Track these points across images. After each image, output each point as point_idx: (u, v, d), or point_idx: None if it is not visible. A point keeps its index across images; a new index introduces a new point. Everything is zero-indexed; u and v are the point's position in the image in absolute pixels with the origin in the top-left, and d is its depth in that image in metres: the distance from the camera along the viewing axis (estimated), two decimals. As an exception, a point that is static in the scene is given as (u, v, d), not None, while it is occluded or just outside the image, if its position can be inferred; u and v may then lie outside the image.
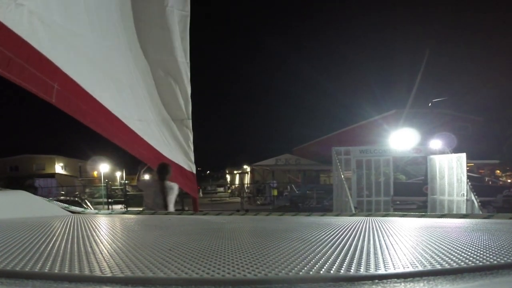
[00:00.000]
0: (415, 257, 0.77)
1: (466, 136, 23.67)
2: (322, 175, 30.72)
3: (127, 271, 0.66)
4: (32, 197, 2.21)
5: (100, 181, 29.12)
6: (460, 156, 10.05)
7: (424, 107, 24.05)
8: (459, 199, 9.99)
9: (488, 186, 18.00)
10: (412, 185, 15.08)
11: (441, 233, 1.22)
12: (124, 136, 3.74)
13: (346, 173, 10.95)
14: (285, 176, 28.86)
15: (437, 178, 10.80)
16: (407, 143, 11.66)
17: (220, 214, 2.14)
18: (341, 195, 10.60)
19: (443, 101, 24.00)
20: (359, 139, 22.78)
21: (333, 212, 9.38)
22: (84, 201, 16.31)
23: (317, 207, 18.53)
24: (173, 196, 4.28)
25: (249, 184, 31.02)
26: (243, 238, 1.10)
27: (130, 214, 2.39)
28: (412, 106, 22.24)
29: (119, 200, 23.42)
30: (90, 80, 3.24)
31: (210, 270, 0.66)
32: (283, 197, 24.49)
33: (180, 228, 1.51)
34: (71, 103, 3.04)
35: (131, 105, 3.84)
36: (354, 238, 1.04)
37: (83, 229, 1.28)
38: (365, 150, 11.44)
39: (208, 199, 27.51)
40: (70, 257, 0.77)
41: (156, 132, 4.15)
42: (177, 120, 4.27)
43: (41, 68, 2.70)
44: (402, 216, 1.98)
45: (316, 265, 0.69)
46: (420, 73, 20.68)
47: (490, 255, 0.78)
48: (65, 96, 2.95)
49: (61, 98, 2.89)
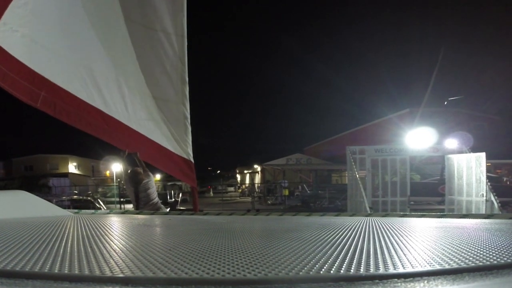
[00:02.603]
0: (415, 257, 0.77)
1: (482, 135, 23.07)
2: (334, 175, 30.48)
3: (127, 271, 0.66)
4: (32, 197, 2.24)
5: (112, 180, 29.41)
6: (479, 155, 9.79)
7: (440, 105, 23.59)
8: (478, 199, 9.72)
9: (507, 186, 17.52)
10: (428, 185, 14.75)
11: (441, 233, 1.24)
12: (118, 133, 3.83)
13: (360, 172, 10.75)
14: (296, 175, 28.69)
15: (455, 178, 10.54)
16: (424, 142, 11.40)
17: (220, 214, 2.20)
18: (356, 195, 10.42)
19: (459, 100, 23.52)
20: (371, 138, 22.51)
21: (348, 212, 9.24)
22: (97, 200, 16.44)
23: (329, 207, 18.32)
24: (151, 190, 4.53)
25: (260, 184, 30.93)
26: (243, 238, 1.10)
27: (129, 214, 2.44)
28: (427, 104, 21.81)
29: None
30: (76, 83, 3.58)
31: (210, 270, 0.66)
32: (295, 197, 24.35)
33: (180, 228, 1.54)
34: (56, 106, 3.45)
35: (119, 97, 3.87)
36: (354, 238, 1.04)
37: (83, 229, 1.30)
38: (380, 149, 11.23)
39: (218, 199, 27.55)
40: (70, 257, 0.77)
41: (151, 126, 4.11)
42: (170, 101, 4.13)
43: (30, 80, 3.25)
44: (402, 216, 2.03)
45: (316, 265, 0.69)
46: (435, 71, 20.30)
47: (490, 255, 0.78)
48: (50, 101, 3.39)
49: (45, 103, 3.37)
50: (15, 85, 3.15)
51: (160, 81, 4.05)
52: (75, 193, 24.34)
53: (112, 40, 3.85)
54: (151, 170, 4.81)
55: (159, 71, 4.02)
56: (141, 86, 4.00)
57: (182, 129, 4.19)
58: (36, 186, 28.37)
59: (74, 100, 3.54)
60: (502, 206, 9.90)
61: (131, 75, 3.95)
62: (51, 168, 41.86)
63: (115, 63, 3.86)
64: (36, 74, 3.29)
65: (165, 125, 4.15)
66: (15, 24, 3.11)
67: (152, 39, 3.91)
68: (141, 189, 4.48)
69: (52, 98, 3.40)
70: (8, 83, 3.09)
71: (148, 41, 3.93)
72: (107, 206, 17.80)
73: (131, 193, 4.59)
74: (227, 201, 27.20)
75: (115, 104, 3.83)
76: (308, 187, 25.62)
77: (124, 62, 3.91)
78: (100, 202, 15.81)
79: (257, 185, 30.37)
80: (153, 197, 4.57)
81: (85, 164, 45.55)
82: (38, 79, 3.31)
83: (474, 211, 9.61)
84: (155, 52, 3.96)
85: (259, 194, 27.59)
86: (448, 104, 23.43)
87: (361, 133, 29.47)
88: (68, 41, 3.58)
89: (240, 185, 39.83)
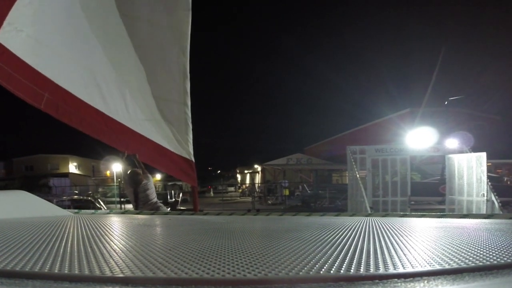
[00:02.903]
0: (415, 257, 0.77)
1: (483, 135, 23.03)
2: (334, 174, 30.45)
3: (127, 271, 0.66)
4: (32, 197, 2.24)
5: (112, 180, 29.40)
6: (480, 155, 9.78)
7: (440, 105, 23.54)
8: (478, 199, 9.71)
9: (507, 186, 17.50)
10: (428, 185, 14.73)
11: (441, 233, 1.23)
12: (119, 134, 3.85)
13: (360, 172, 10.74)
14: (296, 175, 28.68)
15: (456, 177, 10.52)
16: (424, 142, 11.39)
17: (220, 214, 2.19)
18: (356, 195, 10.41)
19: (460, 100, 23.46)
20: (372, 138, 22.47)
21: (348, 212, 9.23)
22: (97, 200, 16.45)
23: (330, 207, 18.31)
24: (150, 191, 4.60)
25: (260, 184, 30.91)
26: (243, 238, 1.10)
27: (129, 214, 2.43)
28: (427, 104, 21.76)
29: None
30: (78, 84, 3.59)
31: (210, 270, 0.66)
32: (295, 197, 24.33)
33: (180, 228, 1.54)
34: (59, 108, 3.44)
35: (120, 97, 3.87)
36: (354, 238, 1.04)
37: (83, 229, 1.29)
38: (380, 149, 11.22)
39: (219, 199, 27.55)
40: (70, 257, 0.77)
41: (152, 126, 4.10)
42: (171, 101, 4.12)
43: (34, 81, 3.24)
44: (402, 216, 2.03)
45: (316, 265, 0.69)
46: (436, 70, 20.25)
47: (490, 255, 0.78)
48: (54, 102, 3.40)
49: (49, 105, 3.36)
50: (20, 86, 3.14)
51: (161, 79, 4.04)
52: (75, 193, 24.31)
53: (114, 39, 3.84)
54: (150, 171, 4.84)
55: (160, 68, 4.00)
56: (142, 85, 3.98)
57: (183, 128, 4.18)
58: (37, 186, 28.37)
59: (76, 101, 3.55)
60: (503, 206, 9.90)
61: (133, 74, 3.94)
62: (52, 168, 41.86)
63: (116, 62, 3.85)
64: (40, 74, 3.29)
65: (166, 125, 4.14)
66: (20, 24, 3.08)
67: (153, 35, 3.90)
68: (141, 189, 4.55)
69: (55, 100, 3.41)
70: (13, 84, 3.09)
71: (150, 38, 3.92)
72: (108, 206, 17.79)
73: (130, 193, 4.65)
74: (227, 201, 27.19)
75: (115, 105, 3.82)
76: (308, 187, 25.59)
77: (125, 61, 3.90)
78: (100, 202, 15.82)
79: (257, 185, 30.35)
80: (152, 197, 4.64)
81: (85, 164, 45.56)
82: (42, 80, 3.30)
83: (474, 211, 9.59)
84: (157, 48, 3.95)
85: (259, 194, 27.56)
86: (448, 104, 23.35)
87: (362, 133, 29.44)
88: (70, 41, 3.57)
89: (241, 185, 39.83)
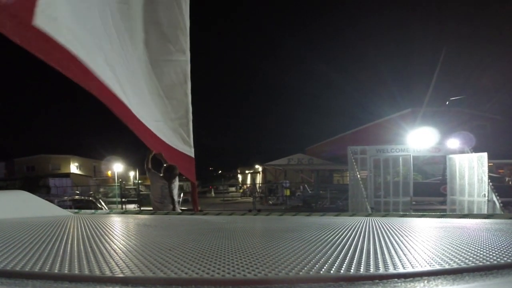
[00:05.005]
0: (415, 257, 0.77)
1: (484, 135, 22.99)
2: (335, 175, 30.41)
3: (127, 271, 0.66)
4: (32, 197, 2.24)
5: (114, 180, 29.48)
6: (481, 155, 9.76)
7: (442, 105, 23.50)
8: (480, 199, 9.69)
9: (509, 186, 17.46)
10: (430, 185, 14.74)
11: (441, 233, 1.23)
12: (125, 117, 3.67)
13: (362, 172, 10.72)
14: (297, 176, 28.65)
15: (457, 178, 10.50)
16: (426, 142, 11.37)
17: (220, 214, 2.18)
18: (357, 196, 10.39)
19: (461, 100, 23.41)
20: (373, 138, 22.44)
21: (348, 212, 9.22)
22: (98, 200, 16.45)
23: (331, 207, 18.29)
24: (176, 189, 4.60)
25: (261, 184, 30.90)
26: (243, 238, 1.10)
27: (129, 214, 2.43)
28: (429, 104, 21.72)
29: (132, 200, 23.61)
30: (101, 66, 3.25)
31: (210, 270, 0.66)
32: (296, 197, 24.29)
33: (180, 228, 1.54)
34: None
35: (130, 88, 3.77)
36: (354, 238, 1.04)
37: (83, 229, 1.29)
38: (381, 149, 11.21)
39: (220, 199, 27.54)
40: (70, 257, 0.77)
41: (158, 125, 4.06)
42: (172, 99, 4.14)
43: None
44: (402, 216, 2.03)
45: (316, 265, 0.69)
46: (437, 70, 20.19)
47: (490, 255, 0.78)
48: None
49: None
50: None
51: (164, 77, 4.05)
52: (76, 193, 24.30)
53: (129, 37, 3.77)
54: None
55: (162, 61, 4.02)
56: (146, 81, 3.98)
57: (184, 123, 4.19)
58: (38, 186, 28.42)
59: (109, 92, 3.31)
60: (504, 206, 9.87)
61: (138, 70, 3.91)
62: (53, 169, 41.92)
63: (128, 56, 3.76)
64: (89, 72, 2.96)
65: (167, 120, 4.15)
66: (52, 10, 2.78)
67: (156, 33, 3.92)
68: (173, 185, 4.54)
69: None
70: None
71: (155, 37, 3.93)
72: (109, 206, 17.80)
73: (158, 188, 4.52)
74: (228, 201, 27.17)
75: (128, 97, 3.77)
76: (309, 187, 25.54)
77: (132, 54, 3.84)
78: (101, 202, 15.81)
79: (258, 185, 30.34)
80: (176, 194, 4.64)
81: (86, 164, 45.62)
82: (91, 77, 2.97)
83: (476, 211, 9.57)
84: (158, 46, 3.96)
85: (260, 194, 27.55)
86: (450, 104, 23.32)
87: (363, 133, 29.42)
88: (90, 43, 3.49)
89: (242, 185, 39.82)
